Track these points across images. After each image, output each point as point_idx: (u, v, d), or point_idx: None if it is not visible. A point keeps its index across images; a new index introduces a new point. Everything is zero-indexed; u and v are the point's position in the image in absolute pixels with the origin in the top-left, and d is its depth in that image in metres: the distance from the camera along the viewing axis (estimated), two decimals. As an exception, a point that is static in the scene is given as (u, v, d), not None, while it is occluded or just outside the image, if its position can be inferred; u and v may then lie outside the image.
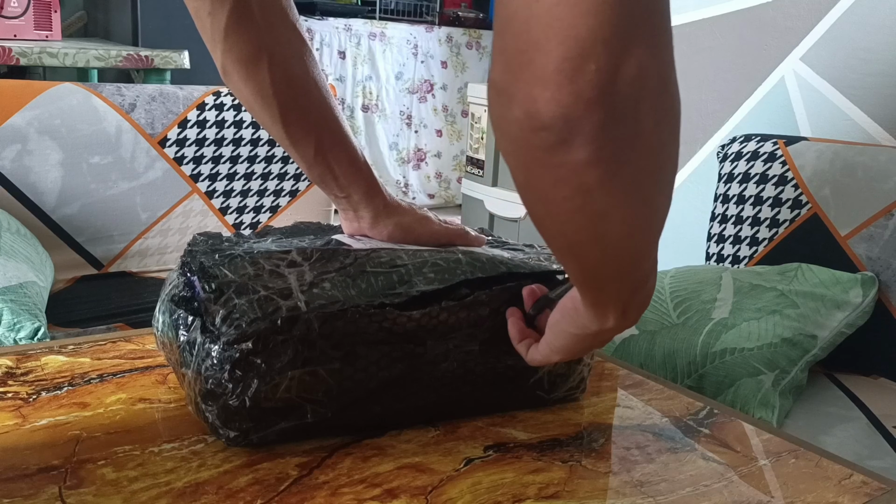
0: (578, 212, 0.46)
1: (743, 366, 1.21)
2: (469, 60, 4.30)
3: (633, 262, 0.54)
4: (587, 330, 0.62)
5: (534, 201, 0.48)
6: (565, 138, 0.41)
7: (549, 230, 0.51)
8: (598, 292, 0.58)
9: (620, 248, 0.51)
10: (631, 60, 0.40)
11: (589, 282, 0.57)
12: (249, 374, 0.65)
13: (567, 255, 0.53)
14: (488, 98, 0.45)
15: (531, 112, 0.41)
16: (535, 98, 0.40)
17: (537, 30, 0.39)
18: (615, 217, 0.47)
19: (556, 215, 0.48)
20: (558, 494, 0.65)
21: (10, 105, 1.55)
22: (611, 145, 0.42)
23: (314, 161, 0.80)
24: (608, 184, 0.44)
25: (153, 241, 1.72)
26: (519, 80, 0.41)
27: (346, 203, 0.82)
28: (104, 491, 0.60)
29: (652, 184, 0.47)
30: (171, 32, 2.58)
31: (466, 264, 0.75)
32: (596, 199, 0.45)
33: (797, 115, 1.84)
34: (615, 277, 0.55)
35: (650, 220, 0.50)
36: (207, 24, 0.74)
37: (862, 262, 1.43)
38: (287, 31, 0.77)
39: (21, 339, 1.16)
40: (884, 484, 0.71)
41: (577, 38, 0.38)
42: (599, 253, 0.51)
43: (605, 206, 0.46)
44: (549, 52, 0.39)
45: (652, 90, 0.42)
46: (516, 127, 0.42)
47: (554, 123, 0.41)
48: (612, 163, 0.43)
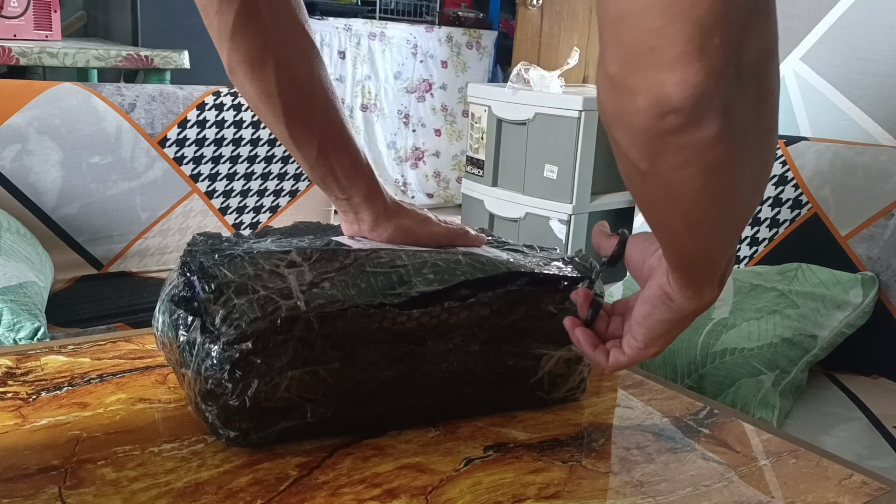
0: (704, 189, 0.47)
1: (743, 366, 1.21)
2: (469, 60, 4.30)
3: (740, 231, 0.55)
4: (685, 312, 0.61)
5: (656, 187, 0.48)
6: (695, 117, 0.42)
7: (670, 216, 0.51)
8: (704, 269, 0.57)
9: (736, 220, 0.52)
10: (749, 30, 0.41)
11: (697, 260, 0.57)
12: (249, 374, 0.65)
13: (685, 236, 0.53)
14: (602, 95, 0.45)
15: (659, 97, 0.42)
16: (663, 83, 0.41)
17: (656, 17, 0.40)
18: (738, 189, 0.48)
19: (681, 196, 0.48)
20: (558, 494, 0.65)
21: (10, 105, 1.55)
22: (736, 116, 0.43)
23: (316, 162, 0.79)
24: (734, 157, 0.45)
25: (153, 241, 1.72)
26: (642, 70, 0.42)
27: (347, 205, 0.82)
28: (104, 491, 0.60)
29: (768, 148, 0.49)
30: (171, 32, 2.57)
31: (466, 265, 0.75)
32: (722, 174, 0.46)
33: (797, 115, 1.84)
34: (724, 249, 0.56)
35: (763, 184, 0.51)
36: (215, 22, 0.74)
37: (862, 262, 1.43)
38: (295, 32, 0.77)
39: (21, 339, 1.16)
40: (884, 484, 0.70)
41: (698, 17, 0.40)
42: (717, 228, 0.52)
43: (730, 179, 0.47)
44: (674, 35, 0.40)
45: (768, 54, 0.44)
46: (641, 117, 0.43)
47: (685, 104, 0.41)
48: (738, 134, 0.44)
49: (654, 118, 0.43)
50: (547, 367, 0.78)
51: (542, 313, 0.76)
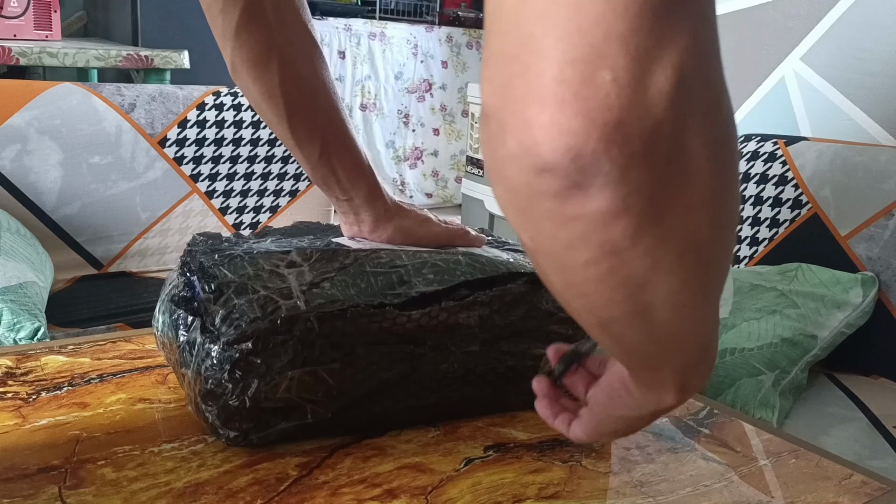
0: (606, 280, 0.34)
1: (743, 366, 1.21)
2: (469, 60, 4.30)
3: (690, 334, 0.41)
4: (642, 411, 0.51)
5: (547, 269, 0.36)
6: (577, 180, 0.30)
7: (571, 306, 0.39)
8: (652, 371, 0.46)
9: (671, 321, 0.38)
10: (663, 62, 0.28)
11: (636, 362, 0.46)
12: (249, 374, 0.65)
13: (602, 334, 0.41)
14: (479, 130, 0.34)
15: (527, 144, 0.30)
16: (529, 122, 0.29)
17: (529, 22, 0.28)
18: (658, 283, 0.35)
19: (578, 286, 0.35)
20: (558, 494, 0.65)
21: (10, 105, 1.55)
22: (644, 188, 0.30)
23: (318, 163, 0.79)
24: (644, 240, 0.32)
25: (153, 241, 1.72)
26: (510, 99, 0.29)
27: (348, 206, 0.81)
28: (104, 491, 0.60)
29: (706, 233, 0.34)
30: (171, 32, 2.57)
31: (466, 265, 0.75)
32: (628, 261, 0.33)
33: (797, 115, 1.84)
34: (668, 355, 0.43)
35: (707, 281, 0.37)
36: (219, 21, 0.74)
37: (862, 262, 1.43)
38: (299, 32, 0.77)
39: (21, 339, 1.16)
40: (884, 484, 0.70)
41: (581, 30, 0.27)
42: (644, 329, 0.39)
43: (642, 270, 0.34)
44: (547, 50, 0.28)
45: (696, 103, 0.30)
46: (512, 167, 0.31)
47: (557, 159, 0.29)
48: (648, 212, 0.31)
49: (526, 172, 0.30)
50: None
51: (542, 313, 0.76)
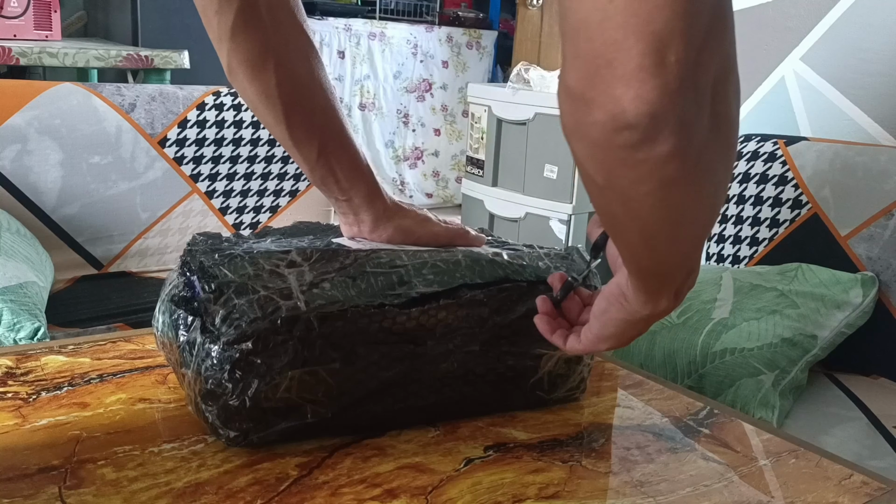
0: (659, 205, 0.47)
1: (743, 366, 1.21)
2: (469, 60, 4.30)
3: (699, 246, 0.54)
4: (638, 315, 0.61)
5: (613, 202, 0.48)
6: (651, 134, 0.42)
7: (626, 229, 0.51)
8: (660, 279, 0.57)
9: (691, 235, 0.52)
10: (706, 48, 0.41)
11: (653, 270, 0.57)
12: (249, 374, 0.65)
13: (641, 248, 0.53)
14: (561, 106, 0.44)
15: (615, 113, 0.41)
16: (618, 98, 0.41)
17: (613, 29, 0.39)
18: (693, 205, 0.48)
19: (636, 211, 0.48)
20: (558, 494, 0.65)
21: (10, 105, 1.55)
22: (693, 134, 0.43)
23: (316, 163, 0.79)
24: (689, 174, 0.45)
25: (153, 241, 1.72)
26: (598, 83, 0.41)
27: (347, 206, 0.81)
28: (104, 491, 0.60)
29: (725, 167, 0.48)
30: (171, 32, 2.58)
31: (466, 267, 0.75)
32: (677, 190, 0.45)
33: (797, 115, 1.84)
34: (680, 264, 0.56)
35: (718, 205, 0.51)
36: (214, 22, 0.74)
37: (862, 262, 1.43)
38: (294, 32, 0.77)
39: (21, 339, 1.16)
40: (884, 484, 0.70)
41: (654, 32, 0.39)
42: (672, 242, 0.52)
43: (684, 196, 0.46)
44: (629, 49, 0.39)
45: (725, 74, 0.43)
46: (598, 130, 0.42)
47: (640, 121, 0.41)
48: (694, 151, 0.44)
49: (609, 132, 0.42)
50: (547, 367, 0.78)
51: (542, 313, 0.76)
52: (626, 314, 0.62)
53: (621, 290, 0.61)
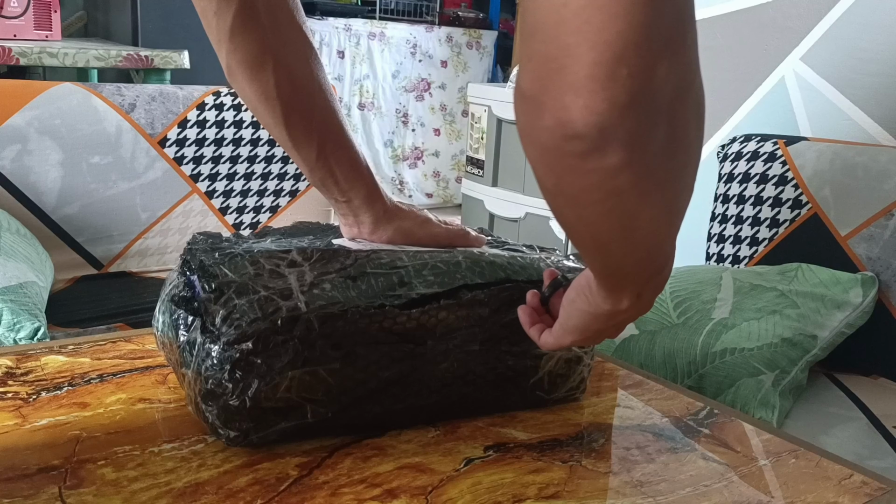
0: (609, 213, 0.47)
1: (743, 366, 1.21)
2: (469, 60, 4.30)
3: (656, 251, 0.55)
4: (600, 309, 0.61)
5: (563, 206, 0.49)
6: (599, 145, 0.41)
7: (577, 233, 0.51)
8: (618, 280, 0.58)
9: (646, 242, 0.52)
10: (662, 63, 0.40)
11: (610, 273, 0.58)
12: (249, 374, 0.65)
13: (594, 253, 0.54)
14: (515, 107, 0.44)
15: (563, 120, 0.41)
16: (567, 106, 0.40)
17: (567, 35, 0.39)
18: (645, 215, 0.48)
19: (587, 218, 0.48)
20: (558, 494, 0.65)
21: (10, 105, 1.55)
22: (644, 149, 0.42)
23: (316, 164, 0.79)
24: (641, 185, 0.44)
25: (153, 241, 1.72)
26: (550, 88, 0.40)
27: (347, 208, 0.81)
28: (104, 491, 0.60)
29: (681, 179, 0.48)
30: (171, 32, 2.57)
31: (466, 268, 0.75)
32: (628, 200, 0.45)
33: (797, 115, 1.84)
34: (636, 267, 0.56)
35: (677, 213, 0.51)
36: (213, 23, 0.74)
37: (862, 262, 1.43)
38: (293, 33, 0.77)
39: (21, 339, 1.16)
40: (884, 484, 0.71)
41: (607, 42, 0.38)
42: (626, 248, 0.52)
43: (636, 206, 0.46)
44: (580, 57, 0.39)
45: (683, 91, 0.42)
46: (547, 135, 0.42)
47: (588, 131, 0.40)
48: (645, 165, 0.43)
49: (558, 139, 0.42)
50: (547, 367, 0.78)
51: (542, 313, 0.76)
52: (590, 307, 0.62)
53: (587, 282, 0.62)
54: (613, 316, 0.62)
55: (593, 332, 0.65)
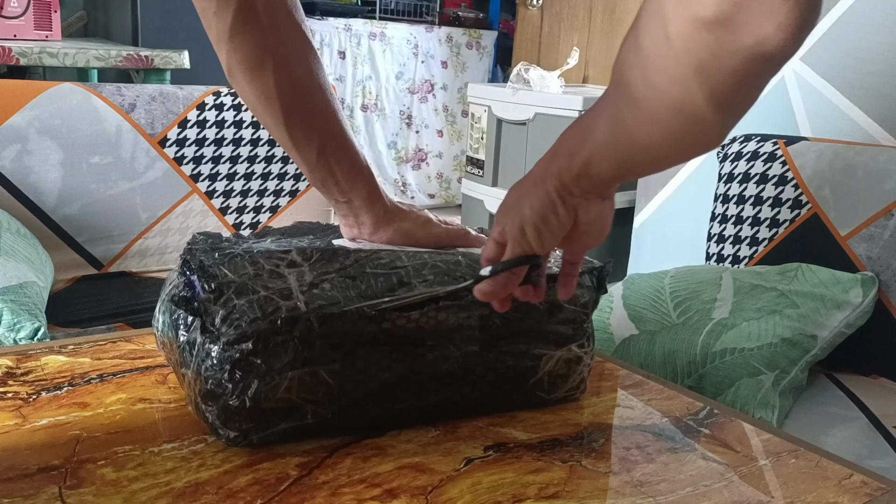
0: (747, 81, 0.49)
1: (743, 366, 1.21)
2: (469, 60, 4.30)
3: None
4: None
5: (700, 88, 0.49)
6: (784, 59, 0.46)
7: (655, 146, 0.54)
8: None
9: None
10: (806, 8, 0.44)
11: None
12: (249, 374, 0.65)
13: (646, 165, 0.58)
14: (690, 36, 0.46)
15: (761, 37, 0.44)
16: (763, 24, 0.43)
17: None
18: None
19: (729, 92, 0.49)
20: (558, 494, 0.65)
21: (10, 105, 1.55)
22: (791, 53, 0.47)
23: (316, 164, 0.79)
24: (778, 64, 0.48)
25: (153, 241, 1.72)
26: (747, 8, 0.43)
27: (347, 208, 0.81)
28: (104, 491, 0.60)
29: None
30: (171, 32, 2.57)
31: (466, 266, 0.75)
32: (771, 71, 0.49)
33: (797, 115, 1.84)
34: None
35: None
36: (213, 24, 0.74)
37: (862, 262, 1.43)
38: (293, 33, 0.77)
39: (21, 339, 1.16)
40: (884, 484, 0.70)
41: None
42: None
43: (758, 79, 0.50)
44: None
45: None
46: (742, 55, 0.45)
47: (782, 47, 0.44)
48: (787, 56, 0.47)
49: (755, 57, 0.45)
50: (547, 367, 0.78)
51: (541, 313, 0.76)
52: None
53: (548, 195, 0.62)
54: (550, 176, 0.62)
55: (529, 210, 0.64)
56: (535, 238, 0.63)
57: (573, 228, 0.64)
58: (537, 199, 0.62)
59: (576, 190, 0.61)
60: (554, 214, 0.62)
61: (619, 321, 1.36)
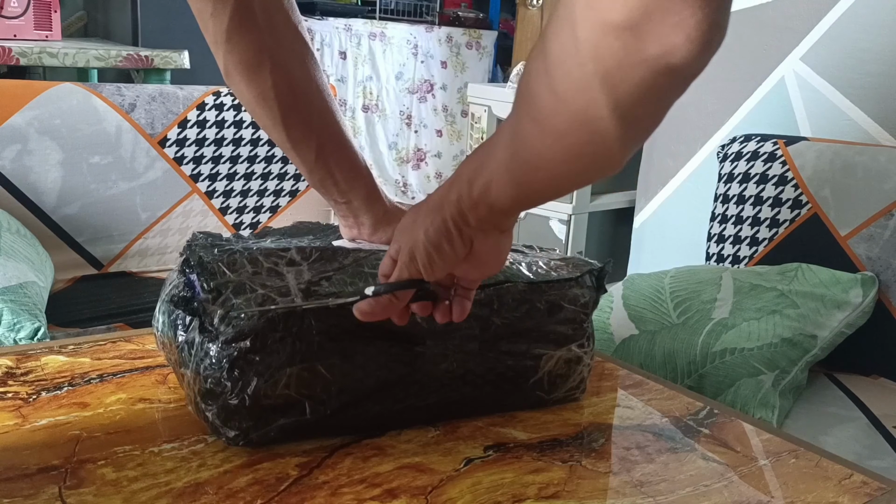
0: (656, 97, 0.47)
1: (743, 366, 1.21)
2: (469, 60, 4.30)
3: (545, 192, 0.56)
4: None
5: (602, 100, 0.47)
6: (695, 70, 0.44)
7: (555, 162, 0.51)
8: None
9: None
10: (715, 12, 0.43)
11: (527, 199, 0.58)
12: (248, 372, 0.65)
13: (547, 185, 0.55)
14: (599, 42, 0.44)
15: (668, 47, 0.43)
16: (670, 33, 0.42)
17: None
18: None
19: (634, 107, 0.48)
20: (558, 494, 0.65)
21: (10, 105, 1.55)
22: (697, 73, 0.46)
23: (315, 165, 0.79)
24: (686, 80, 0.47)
25: (153, 241, 1.72)
26: (654, 15, 0.42)
27: (346, 209, 0.81)
28: (104, 491, 0.60)
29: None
30: (171, 32, 2.57)
31: None
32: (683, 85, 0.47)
33: (797, 115, 1.84)
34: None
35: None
36: (210, 25, 0.74)
37: (862, 262, 1.43)
38: (289, 34, 0.77)
39: (21, 339, 1.16)
40: (884, 484, 0.71)
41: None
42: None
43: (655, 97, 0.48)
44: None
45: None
46: (648, 64, 0.43)
47: (691, 57, 0.43)
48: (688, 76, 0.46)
49: (661, 67, 0.43)
50: (547, 367, 0.78)
51: (541, 313, 0.76)
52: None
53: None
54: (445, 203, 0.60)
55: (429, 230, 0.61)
56: (425, 264, 0.60)
57: (469, 256, 0.61)
58: (433, 226, 0.59)
59: (473, 220, 0.58)
60: (448, 243, 0.59)
61: (619, 321, 1.36)
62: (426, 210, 0.61)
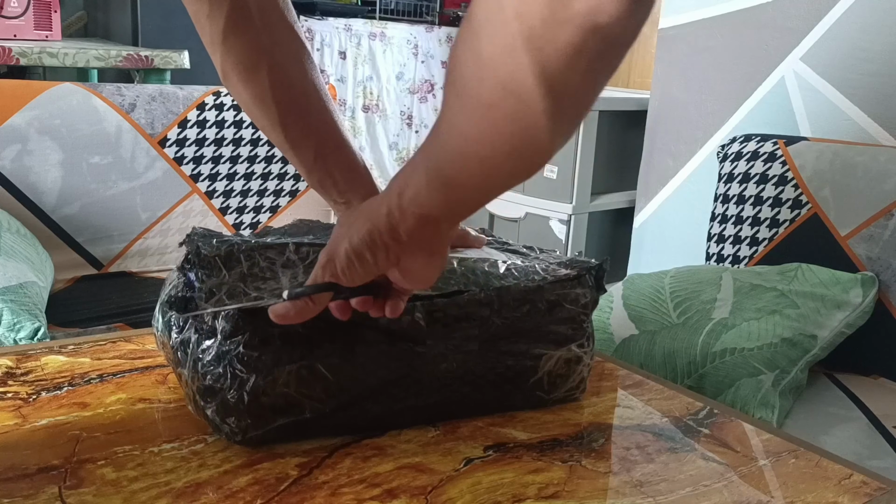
0: (588, 66, 0.45)
1: (743, 366, 1.21)
2: (469, 60, 4.29)
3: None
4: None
5: (534, 65, 0.45)
6: (625, 33, 0.42)
7: (481, 144, 0.49)
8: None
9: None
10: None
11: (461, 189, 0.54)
12: (246, 369, 0.65)
13: (479, 171, 0.51)
14: (524, 0, 0.42)
15: (592, 5, 0.41)
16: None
17: None
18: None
19: (562, 73, 0.45)
20: (558, 494, 0.65)
21: (10, 105, 1.55)
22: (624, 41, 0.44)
23: (313, 165, 0.79)
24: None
25: (153, 241, 1.72)
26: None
27: (346, 209, 0.81)
28: (104, 491, 0.60)
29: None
30: (171, 32, 2.57)
31: (461, 275, 0.74)
32: (617, 51, 0.45)
33: (797, 115, 1.84)
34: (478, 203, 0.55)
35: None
36: (206, 27, 0.74)
37: (862, 262, 1.43)
38: (286, 34, 0.77)
39: (21, 339, 1.16)
40: (884, 484, 0.71)
41: None
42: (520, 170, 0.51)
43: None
44: None
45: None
46: (576, 23, 0.41)
47: (619, 16, 0.41)
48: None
49: (588, 27, 0.41)
50: (547, 367, 0.78)
51: (541, 313, 0.76)
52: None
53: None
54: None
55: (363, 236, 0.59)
56: (343, 270, 0.59)
57: (398, 268, 0.59)
58: (358, 235, 0.58)
59: (404, 234, 0.56)
60: (371, 254, 0.58)
61: (619, 321, 1.36)
62: (359, 217, 0.59)
